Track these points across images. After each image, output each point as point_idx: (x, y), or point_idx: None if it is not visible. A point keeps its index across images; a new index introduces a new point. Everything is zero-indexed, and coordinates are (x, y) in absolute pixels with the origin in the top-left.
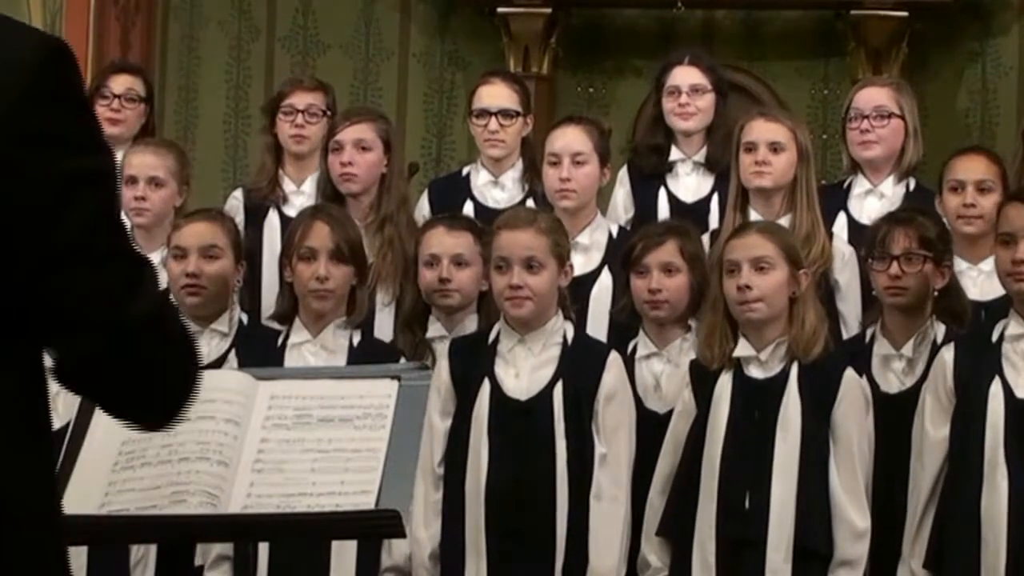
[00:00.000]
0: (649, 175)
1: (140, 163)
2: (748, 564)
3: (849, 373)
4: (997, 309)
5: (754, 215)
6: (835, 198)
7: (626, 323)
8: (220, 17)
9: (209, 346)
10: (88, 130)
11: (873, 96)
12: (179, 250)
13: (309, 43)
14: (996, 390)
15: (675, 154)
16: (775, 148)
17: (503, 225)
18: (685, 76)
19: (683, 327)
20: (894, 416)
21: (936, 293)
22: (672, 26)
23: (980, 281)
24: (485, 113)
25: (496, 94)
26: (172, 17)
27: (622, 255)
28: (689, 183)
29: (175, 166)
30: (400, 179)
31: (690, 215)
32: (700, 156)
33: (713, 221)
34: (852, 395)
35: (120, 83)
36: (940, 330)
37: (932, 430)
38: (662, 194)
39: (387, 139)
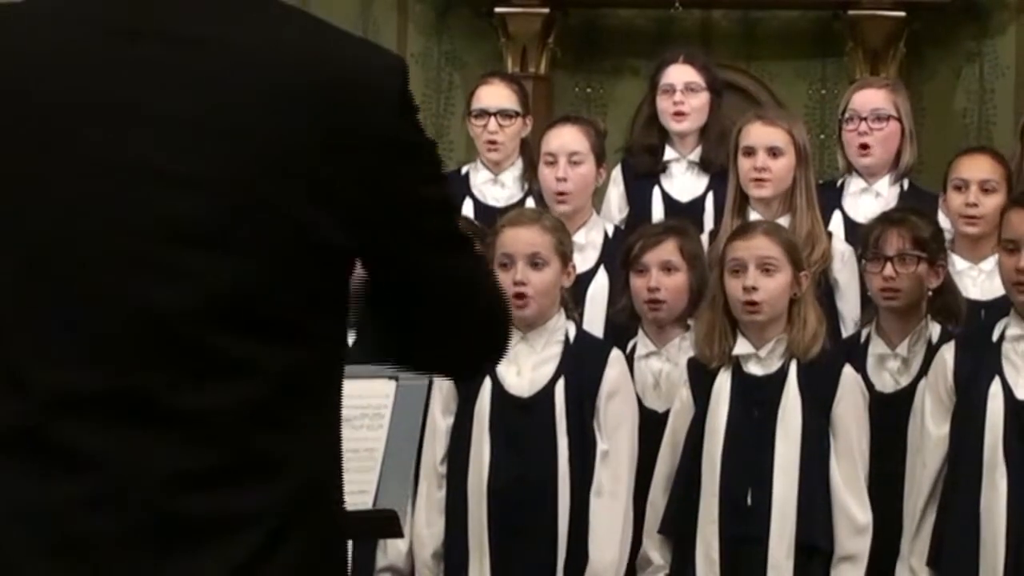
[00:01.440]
0: (643, 174)
1: None
2: (751, 561)
3: (848, 370)
4: (997, 309)
5: (753, 216)
6: (830, 197)
7: (625, 324)
8: None
9: None
10: (430, 141)
11: (870, 98)
12: None
13: None
14: (996, 390)
15: (669, 153)
16: (774, 152)
17: (507, 223)
18: (679, 74)
19: (682, 326)
20: (889, 415)
21: (930, 293)
22: (669, 26)
23: (980, 281)
24: (484, 113)
25: (495, 94)
26: None
27: (621, 254)
28: (683, 182)
29: None
30: None
31: (684, 214)
32: (695, 155)
33: (708, 220)
34: (851, 392)
35: None
36: (935, 330)
37: (933, 428)
38: (656, 193)
39: None
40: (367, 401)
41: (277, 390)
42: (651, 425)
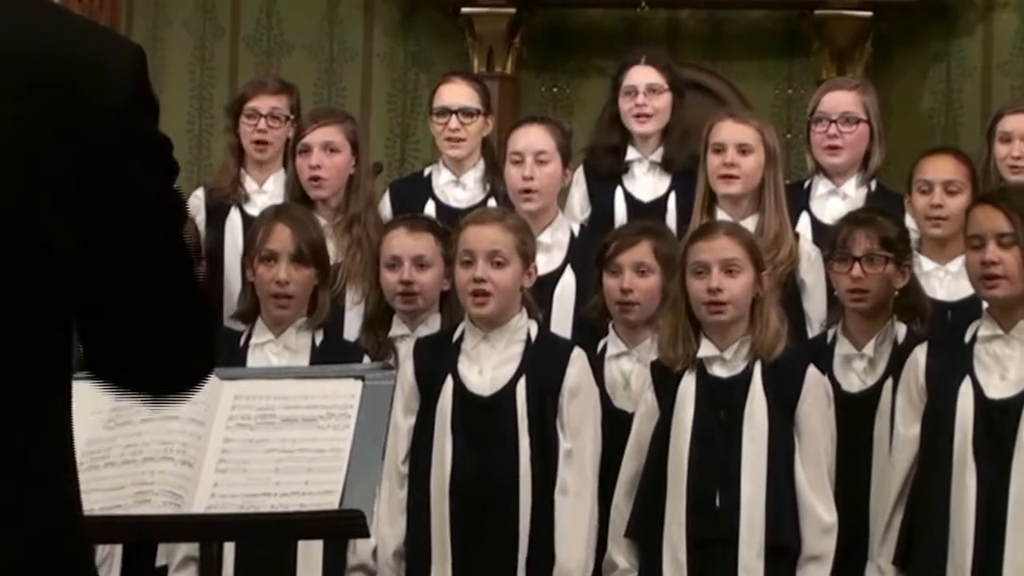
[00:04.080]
0: (605, 175)
1: None
2: (720, 562)
3: (812, 370)
4: (964, 310)
5: (721, 216)
6: (797, 198)
7: (596, 321)
8: (184, 16)
9: None
10: (164, 138)
11: (840, 100)
12: None
13: (273, 43)
14: (966, 389)
15: (631, 154)
16: (743, 150)
17: (471, 220)
18: (642, 76)
19: (653, 327)
20: (856, 415)
21: (897, 293)
22: (636, 26)
23: (947, 282)
24: (446, 111)
25: (456, 92)
26: (136, 16)
27: (596, 253)
28: (646, 183)
29: None
30: (367, 179)
31: (647, 215)
32: (657, 156)
33: (670, 221)
34: (815, 392)
35: None
36: (901, 330)
37: (903, 429)
38: (619, 194)
39: (354, 140)
40: (333, 401)
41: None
42: (621, 426)
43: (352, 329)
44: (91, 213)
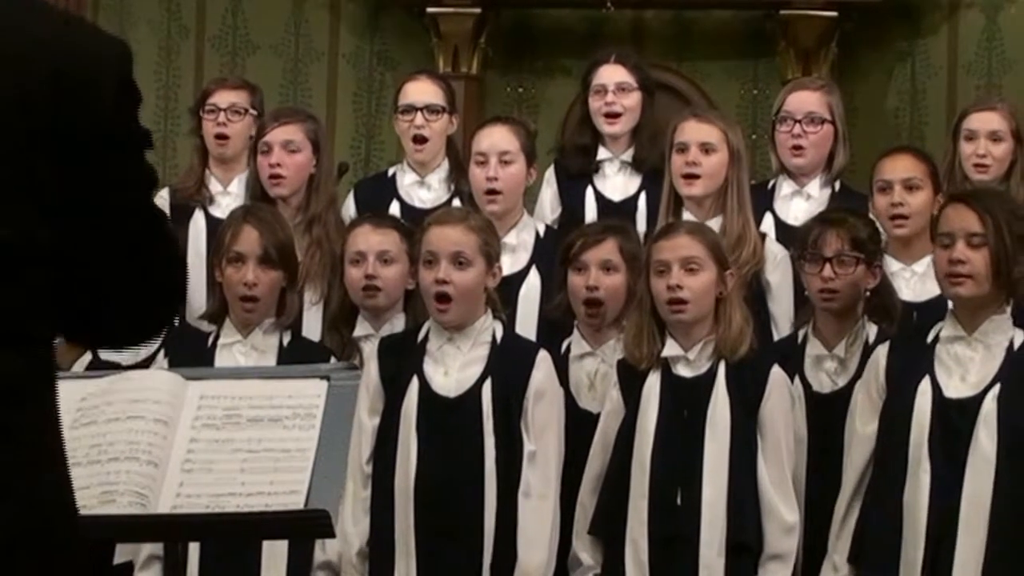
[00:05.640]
0: (576, 175)
1: None
2: (681, 560)
3: (776, 370)
4: (930, 310)
5: (687, 216)
6: (761, 198)
7: (559, 320)
8: (149, 16)
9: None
10: (144, 131)
11: (805, 101)
12: None
13: (239, 43)
14: (925, 387)
15: (602, 153)
16: (706, 149)
17: (434, 221)
18: (611, 75)
19: (618, 327)
20: (827, 416)
21: (867, 293)
22: (601, 26)
23: (913, 283)
24: (411, 108)
25: (422, 90)
26: (101, 16)
27: (560, 252)
28: (616, 182)
29: None
30: (329, 179)
31: (617, 214)
32: (627, 155)
33: (640, 220)
34: (779, 392)
35: None
36: (872, 330)
37: (860, 426)
38: (589, 193)
39: (316, 139)
40: (298, 401)
41: None
42: (586, 425)
43: (310, 328)
44: (74, 189)
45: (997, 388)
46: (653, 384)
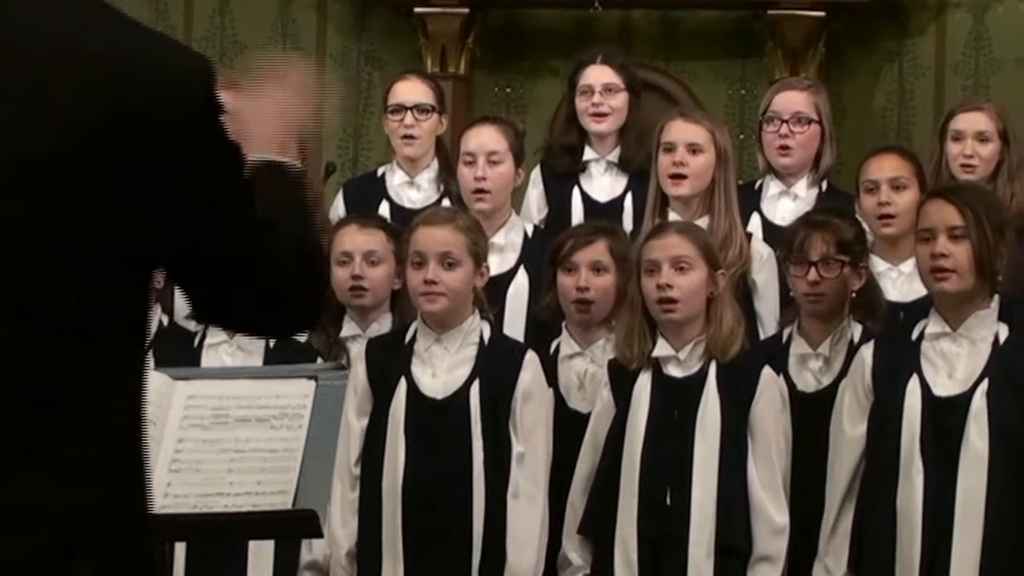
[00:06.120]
0: (563, 175)
1: None
2: (670, 561)
3: (766, 371)
4: (917, 310)
5: (673, 216)
6: (748, 198)
7: (548, 320)
8: (137, 16)
9: None
10: (233, 144)
11: (792, 100)
12: None
13: (226, 43)
14: (914, 386)
15: (588, 154)
16: (694, 149)
17: (421, 222)
18: (598, 75)
19: (607, 327)
20: (811, 415)
21: (854, 294)
22: (589, 26)
23: (900, 283)
24: (401, 108)
25: (411, 89)
26: None
27: (549, 252)
28: (603, 183)
29: None
30: (315, 179)
31: (604, 215)
32: (613, 156)
33: (627, 221)
34: (769, 393)
35: None
36: (857, 330)
37: (848, 427)
38: (576, 194)
39: (303, 139)
40: (286, 402)
41: (66, 383)
42: (575, 426)
43: None
44: (174, 215)
45: (985, 384)
46: (644, 384)
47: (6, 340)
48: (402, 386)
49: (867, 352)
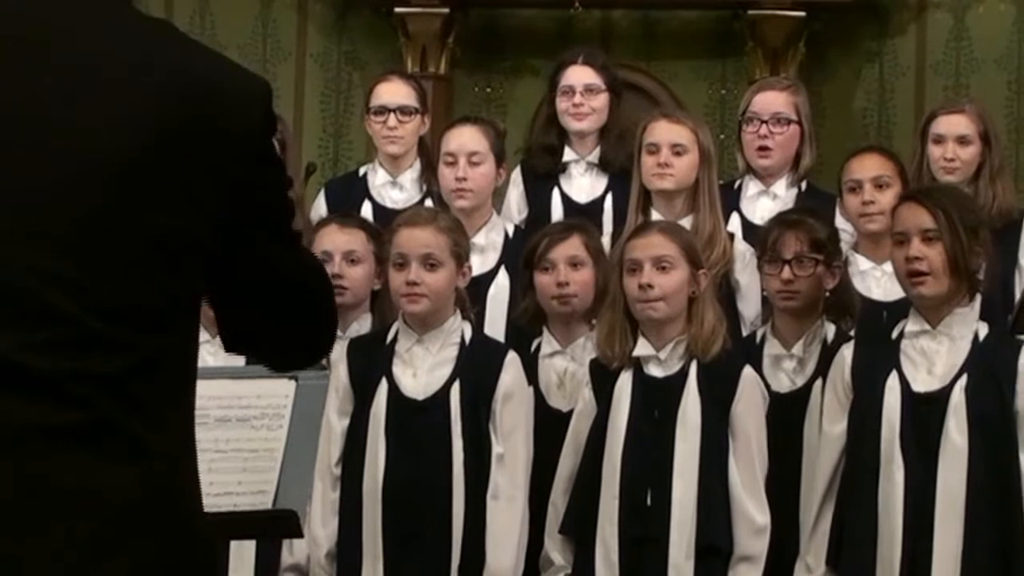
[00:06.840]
0: (543, 175)
1: None
2: (650, 561)
3: (747, 371)
4: (899, 309)
5: (656, 216)
6: (728, 198)
7: (527, 326)
8: None
9: None
10: (279, 159)
11: (771, 101)
12: None
13: (206, 43)
14: (893, 383)
15: (568, 154)
16: (677, 150)
17: (403, 223)
18: (579, 76)
19: (587, 325)
20: (785, 415)
21: (828, 293)
22: (570, 26)
23: (884, 282)
24: (384, 110)
25: (394, 91)
26: None
27: (524, 255)
28: (583, 183)
29: None
30: (296, 180)
31: (584, 215)
32: (594, 156)
33: (607, 221)
34: (750, 393)
35: None
36: (830, 329)
37: (828, 426)
38: (556, 194)
39: (282, 140)
40: (266, 401)
41: (139, 373)
42: (555, 425)
43: None
44: (224, 213)
45: (964, 379)
46: (624, 384)
47: (93, 331)
48: (383, 387)
49: (847, 351)
